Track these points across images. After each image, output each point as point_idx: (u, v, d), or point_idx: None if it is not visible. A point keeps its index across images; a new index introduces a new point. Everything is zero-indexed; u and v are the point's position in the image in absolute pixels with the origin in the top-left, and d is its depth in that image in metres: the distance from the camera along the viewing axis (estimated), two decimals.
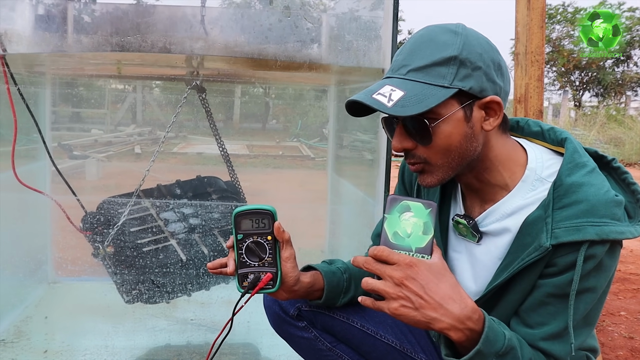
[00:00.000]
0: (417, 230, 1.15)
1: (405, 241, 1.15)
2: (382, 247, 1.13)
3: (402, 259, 1.11)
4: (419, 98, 1.19)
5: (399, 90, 1.20)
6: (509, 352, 1.17)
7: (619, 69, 23.99)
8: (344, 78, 2.95)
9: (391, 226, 1.16)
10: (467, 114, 1.24)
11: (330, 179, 3.61)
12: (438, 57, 1.22)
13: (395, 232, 1.15)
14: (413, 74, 1.22)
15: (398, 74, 1.24)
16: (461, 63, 1.21)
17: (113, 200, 2.58)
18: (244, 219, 1.33)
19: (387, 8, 2.23)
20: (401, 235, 1.15)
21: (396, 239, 1.15)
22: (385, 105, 1.18)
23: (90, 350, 2.54)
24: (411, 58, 1.24)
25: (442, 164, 1.26)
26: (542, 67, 2.42)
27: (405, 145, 1.26)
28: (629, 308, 3.73)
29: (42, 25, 2.20)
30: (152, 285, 2.47)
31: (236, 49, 2.20)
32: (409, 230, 1.15)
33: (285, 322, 1.62)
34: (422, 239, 1.15)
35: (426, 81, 1.21)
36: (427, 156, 1.26)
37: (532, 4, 2.37)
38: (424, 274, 1.11)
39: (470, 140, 1.26)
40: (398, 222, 1.16)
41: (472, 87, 1.22)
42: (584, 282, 1.21)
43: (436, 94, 1.19)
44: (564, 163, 1.27)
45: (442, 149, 1.24)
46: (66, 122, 4.21)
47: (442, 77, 1.21)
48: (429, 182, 1.29)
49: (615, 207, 1.21)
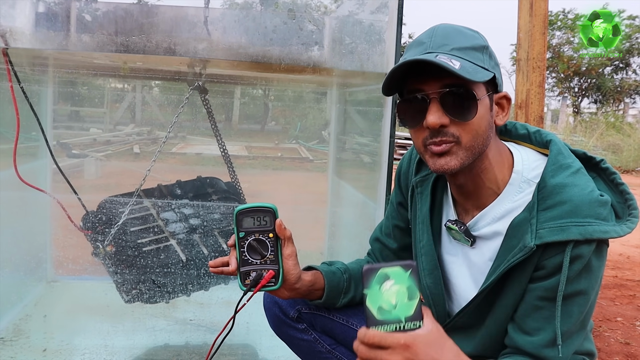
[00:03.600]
0: (402, 298, 1.05)
1: (392, 313, 1.05)
2: (371, 333, 1.04)
3: (396, 342, 1.03)
4: (474, 70, 1.22)
5: (455, 61, 1.21)
6: None
7: (618, 76, 24.07)
8: (347, 81, 2.96)
9: (374, 302, 1.05)
10: (491, 103, 1.29)
11: (330, 182, 3.61)
12: (474, 43, 1.26)
13: (380, 307, 1.05)
14: (457, 52, 1.24)
15: (441, 50, 1.24)
16: (490, 55, 1.28)
17: (114, 199, 2.58)
18: (246, 216, 1.34)
19: (391, 12, 2.23)
20: (386, 309, 1.05)
21: (382, 314, 1.05)
22: (454, 67, 1.18)
23: (89, 350, 2.53)
24: (449, 40, 1.26)
25: (470, 146, 1.26)
26: (543, 74, 2.44)
27: (442, 121, 1.24)
28: (625, 314, 3.74)
29: (43, 23, 2.19)
30: (153, 285, 2.47)
31: (240, 50, 2.20)
32: (393, 300, 1.05)
33: (285, 324, 1.63)
34: (409, 306, 1.05)
35: (471, 60, 1.23)
36: (460, 134, 1.25)
37: (535, 10, 2.38)
38: (423, 351, 1.04)
39: (490, 129, 1.29)
40: (379, 295, 1.05)
41: (498, 78, 1.28)
42: (575, 285, 1.22)
43: (483, 71, 1.24)
44: (548, 165, 1.29)
45: (475, 129, 1.25)
46: (65, 120, 4.20)
47: (481, 60, 1.25)
48: (452, 165, 1.26)
49: (600, 206, 1.22)
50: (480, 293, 1.33)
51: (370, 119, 2.69)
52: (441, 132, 1.25)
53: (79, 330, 2.73)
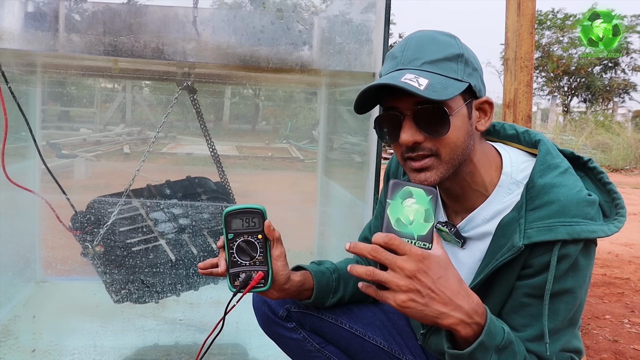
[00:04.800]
0: (419, 218, 1.12)
1: (408, 228, 1.12)
2: (392, 235, 1.09)
3: (414, 251, 1.08)
4: (443, 86, 1.22)
5: (423, 78, 1.21)
6: (508, 345, 1.18)
7: (607, 75, 24.20)
8: (335, 81, 2.96)
9: (394, 212, 1.12)
10: (469, 111, 1.29)
11: (319, 181, 3.62)
12: (447, 52, 1.26)
13: (398, 219, 1.12)
14: (428, 66, 1.24)
15: (412, 65, 1.25)
16: (466, 62, 1.27)
17: (103, 199, 2.57)
18: (234, 218, 1.34)
19: (379, 12, 2.24)
20: (404, 222, 1.12)
21: (399, 225, 1.12)
22: (418, 89, 1.18)
23: (78, 350, 2.53)
24: (421, 53, 1.26)
25: (449, 159, 1.27)
26: (531, 73, 2.45)
27: (416, 138, 1.25)
28: (613, 312, 3.77)
29: (32, 23, 2.19)
30: (142, 285, 2.47)
31: (228, 50, 2.21)
32: (411, 217, 1.12)
33: (274, 323, 1.63)
34: (423, 227, 1.12)
35: (442, 73, 1.24)
36: (438, 148, 1.26)
37: (523, 10, 2.40)
38: (435, 268, 1.09)
39: (470, 138, 1.30)
40: (401, 208, 1.13)
41: (475, 85, 1.27)
42: (562, 283, 1.24)
43: (454, 84, 1.23)
44: (536, 165, 1.31)
45: (452, 142, 1.26)
46: (55, 120, 4.19)
47: (454, 71, 1.25)
48: (432, 179, 1.28)
49: (588, 206, 1.23)
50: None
51: (359, 118, 2.70)
52: (418, 147, 1.27)
53: (68, 331, 2.72)
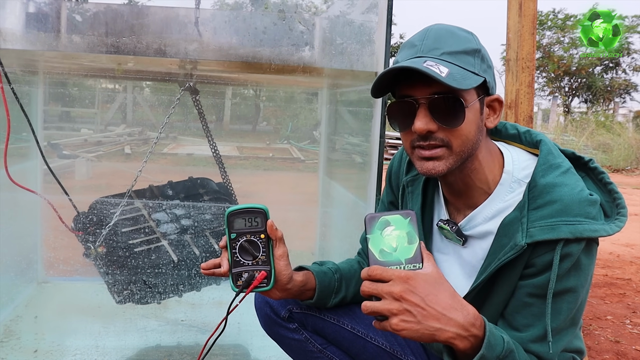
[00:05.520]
0: (402, 242, 1.14)
1: (393, 255, 1.14)
2: (374, 267, 1.12)
3: (397, 274, 1.10)
4: (462, 76, 1.22)
5: (442, 66, 1.21)
6: (509, 355, 1.19)
7: (608, 76, 24.19)
8: (337, 82, 2.97)
9: (376, 245, 1.15)
10: (481, 107, 1.30)
11: (321, 182, 3.62)
12: (466, 46, 1.27)
13: (382, 250, 1.14)
14: (447, 56, 1.25)
15: (431, 54, 1.25)
16: (482, 58, 1.28)
17: (105, 200, 2.57)
18: (237, 218, 1.34)
19: (381, 12, 2.24)
20: (387, 251, 1.14)
21: (383, 255, 1.14)
22: (440, 75, 1.19)
23: (80, 350, 2.53)
24: (440, 43, 1.26)
25: (459, 151, 1.28)
26: (532, 74, 2.45)
27: (430, 127, 1.25)
28: (615, 312, 3.77)
29: (34, 24, 2.19)
30: (144, 285, 2.47)
31: (230, 51, 2.21)
32: (394, 244, 1.14)
33: (276, 323, 1.63)
34: (409, 249, 1.14)
35: (461, 65, 1.24)
36: (450, 139, 1.26)
37: (524, 10, 2.40)
38: (422, 286, 1.10)
39: (480, 132, 1.31)
40: (381, 239, 1.15)
41: (489, 82, 1.29)
42: (565, 282, 1.24)
43: (472, 77, 1.24)
44: (538, 164, 1.31)
45: (464, 135, 1.27)
46: (56, 121, 4.18)
47: (471, 65, 1.26)
48: (440, 169, 1.29)
49: (589, 206, 1.24)
50: (472, 291, 1.35)
51: (361, 119, 2.70)
52: (430, 137, 1.27)
53: (70, 331, 2.73)
